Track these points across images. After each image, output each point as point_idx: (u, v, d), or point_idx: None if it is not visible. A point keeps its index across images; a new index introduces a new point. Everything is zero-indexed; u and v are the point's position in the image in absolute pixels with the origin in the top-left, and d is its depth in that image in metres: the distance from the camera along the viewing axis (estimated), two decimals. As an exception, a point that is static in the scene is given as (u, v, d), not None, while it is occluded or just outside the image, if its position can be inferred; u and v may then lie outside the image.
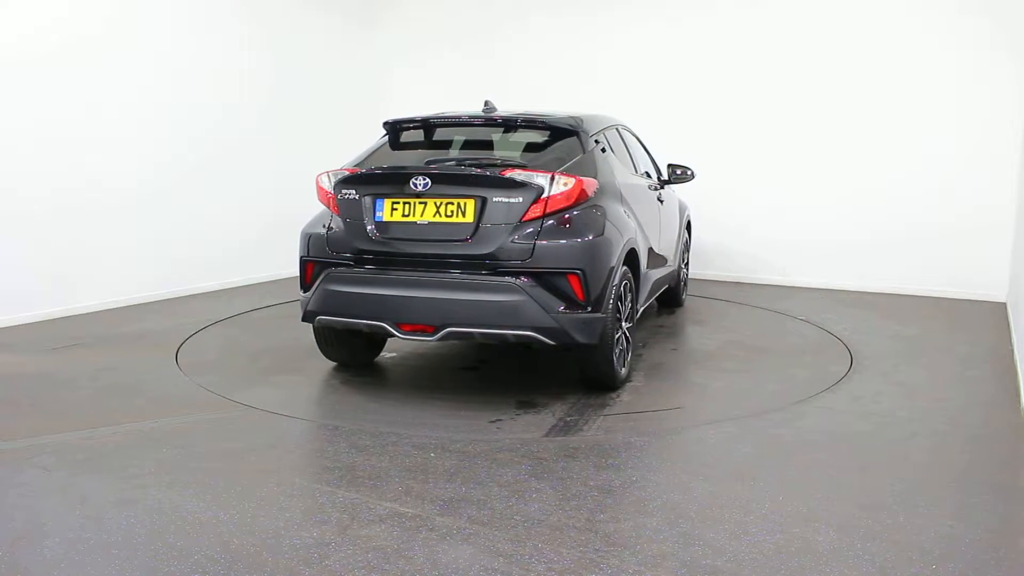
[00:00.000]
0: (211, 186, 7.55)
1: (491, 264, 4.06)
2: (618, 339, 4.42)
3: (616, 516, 2.93)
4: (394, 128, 4.80)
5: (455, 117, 4.80)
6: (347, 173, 4.45)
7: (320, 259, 4.41)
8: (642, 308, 5.26)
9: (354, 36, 9.43)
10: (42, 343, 5.51)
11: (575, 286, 4.04)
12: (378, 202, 4.29)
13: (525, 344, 4.21)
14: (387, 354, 5.34)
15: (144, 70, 6.88)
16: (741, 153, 8.05)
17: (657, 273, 5.60)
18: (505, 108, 5.03)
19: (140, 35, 6.83)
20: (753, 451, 3.63)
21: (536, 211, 4.07)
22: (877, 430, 3.90)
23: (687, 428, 3.94)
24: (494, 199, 4.09)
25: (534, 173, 4.12)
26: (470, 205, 4.11)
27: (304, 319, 4.50)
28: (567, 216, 4.13)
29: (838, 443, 3.72)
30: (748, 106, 8.01)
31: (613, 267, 4.25)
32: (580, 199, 4.18)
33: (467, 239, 4.09)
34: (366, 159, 4.70)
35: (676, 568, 2.55)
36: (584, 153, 4.52)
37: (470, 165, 4.34)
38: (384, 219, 4.27)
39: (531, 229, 4.06)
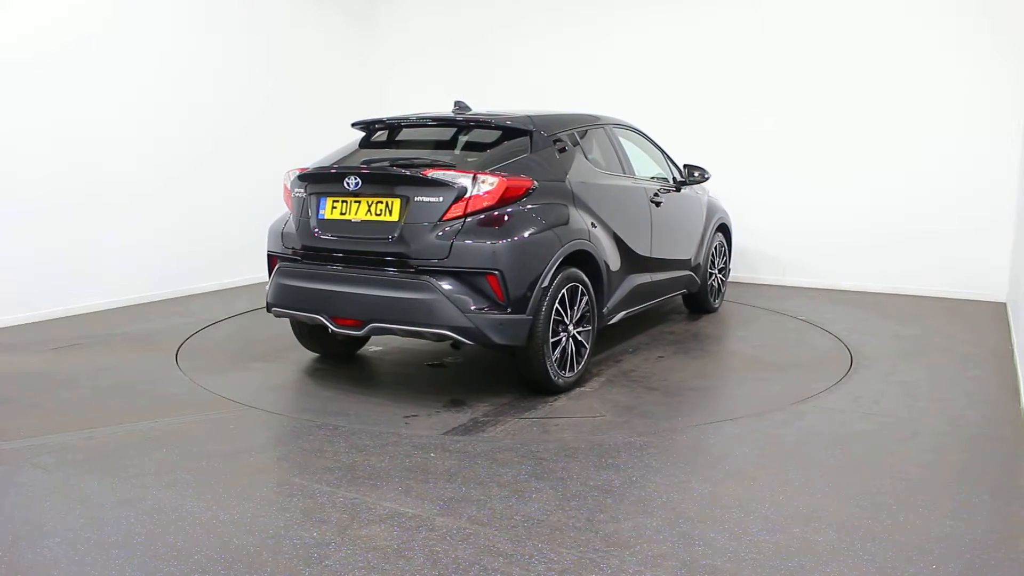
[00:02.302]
0: (211, 186, 7.55)
1: (411, 262, 4.13)
2: (559, 342, 4.36)
3: (616, 516, 2.93)
4: (364, 128, 4.96)
5: (412, 118, 4.87)
6: (299, 172, 4.66)
7: (278, 254, 4.70)
8: (623, 313, 5.13)
9: (354, 35, 9.43)
10: (42, 343, 5.51)
11: (494, 286, 4.03)
12: (322, 200, 4.48)
13: (454, 344, 4.28)
14: (372, 348, 5.46)
15: (144, 70, 6.88)
16: (740, 154, 8.04)
17: (646, 277, 5.43)
18: (484, 108, 5.11)
19: (140, 35, 6.83)
20: (753, 451, 3.63)
21: (457, 211, 4.09)
22: (877, 430, 3.90)
23: (687, 428, 3.93)
24: (416, 199, 4.16)
25: (457, 173, 4.16)
26: (396, 204, 4.21)
27: (267, 309, 4.74)
28: (490, 216, 4.12)
29: (838, 443, 3.71)
30: (748, 107, 8.01)
31: (546, 268, 4.19)
32: (506, 199, 4.17)
33: (392, 237, 4.18)
34: (337, 158, 4.80)
35: (676, 568, 2.55)
36: (530, 153, 4.50)
37: (399, 165, 4.40)
38: (326, 217, 4.45)
39: (450, 228, 4.08)
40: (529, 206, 4.26)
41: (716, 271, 6.73)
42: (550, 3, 8.87)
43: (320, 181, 4.53)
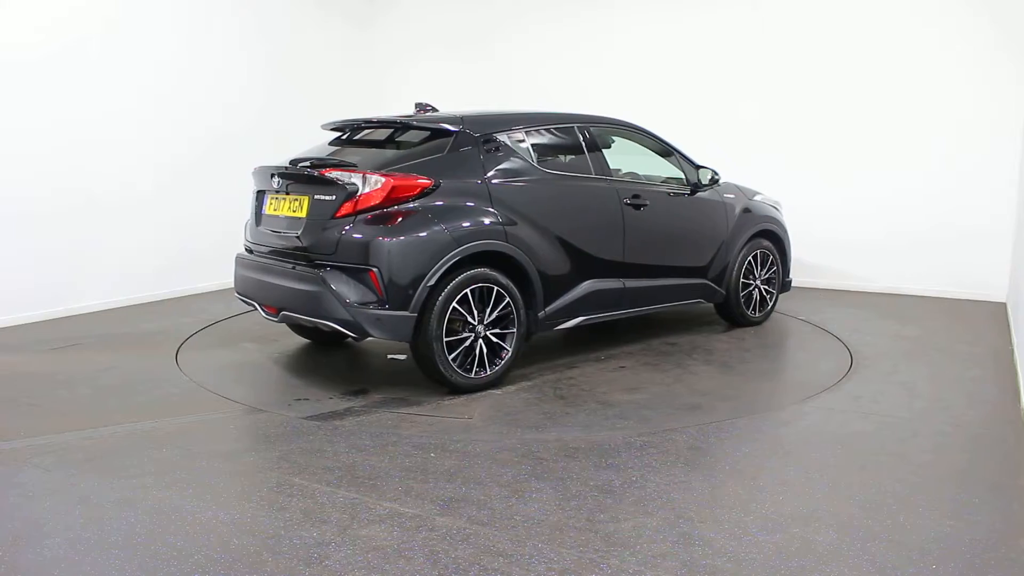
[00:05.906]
0: (211, 186, 7.55)
1: (309, 257, 4.38)
2: (463, 341, 4.35)
3: (616, 516, 2.93)
4: (335, 129, 5.26)
5: (365, 120, 5.02)
6: (255, 170, 4.99)
7: (244, 245, 5.11)
8: (579, 320, 4.94)
9: (354, 36, 9.43)
10: (42, 343, 5.51)
11: (374, 282, 4.17)
12: (264, 197, 4.85)
13: (353, 337, 4.38)
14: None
15: (144, 70, 6.88)
16: (740, 154, 8.03)
17: (616, 283, 5.12)
18: (484, 109, 5.19)
19: (140, 35, 6.83)
20: (753, 451, 3.63)
21: (347, 208, 4.27)
22: (877, 430, 3.90)
23: (686, 428, 3.93)
24: (316, 196, 4.41)
25: (351, 173, 4.34)
26: (305, 202, 4.47)
27: None
28: (378, 214, 4.25)
29: (838, 443, 3.71)
30: (748, 107, 8.01)
31: (435, 267, 4.20)
32: (394, 198, 4.27)
33: (299, 233, 4.44)
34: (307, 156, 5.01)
35: (676, 568, 2.55)
36: (445, 153, 4.53)
37: (311, 166, 4.60)
38: (266, 212, 4.80)
39: (340, 225, 4.27)
40: (422, 205, 4.31)
41: (758, 281, 6.25)
42: (551, 3, 8.87)
43: (264, 179, 4.82)
